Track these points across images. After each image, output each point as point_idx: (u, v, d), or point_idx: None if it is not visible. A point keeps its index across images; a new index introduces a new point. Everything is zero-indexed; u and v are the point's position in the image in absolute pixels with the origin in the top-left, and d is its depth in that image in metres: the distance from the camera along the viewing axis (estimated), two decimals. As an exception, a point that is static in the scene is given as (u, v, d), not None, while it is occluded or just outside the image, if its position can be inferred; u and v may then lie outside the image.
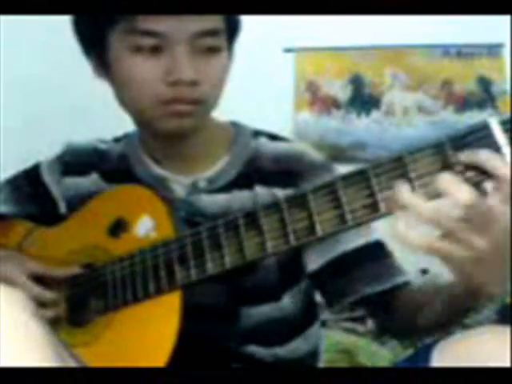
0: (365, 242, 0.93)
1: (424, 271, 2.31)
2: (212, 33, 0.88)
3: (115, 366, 0.81)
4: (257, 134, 1.02)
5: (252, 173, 0.97)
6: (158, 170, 1.00)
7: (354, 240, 0.92)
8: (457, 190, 0.63)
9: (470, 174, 0.64)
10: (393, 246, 0.93)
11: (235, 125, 1.03)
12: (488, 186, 0.65)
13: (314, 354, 1.03)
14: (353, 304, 0.94)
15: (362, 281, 0.91)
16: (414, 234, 0.65)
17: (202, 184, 0.97)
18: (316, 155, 0.99)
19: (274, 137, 1.02)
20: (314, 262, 0.94)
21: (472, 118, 2.76)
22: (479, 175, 0.64)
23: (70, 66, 1.44)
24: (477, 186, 0.65)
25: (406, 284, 0.92)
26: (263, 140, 1.00)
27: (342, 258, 0.93)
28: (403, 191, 0.66)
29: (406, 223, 0.66)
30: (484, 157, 0.64)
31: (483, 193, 0.65)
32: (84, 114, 2.45)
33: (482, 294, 0.73)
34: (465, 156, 0.65)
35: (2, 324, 0.63)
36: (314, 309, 1.04)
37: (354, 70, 2.84)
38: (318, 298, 1.06)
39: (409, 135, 2.78)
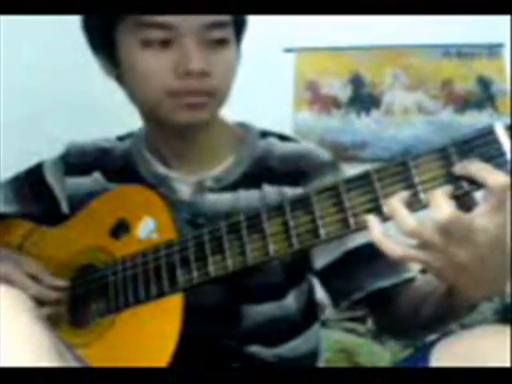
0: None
1: (423, 271, 2.31)
2: (220, 25, 0.88)
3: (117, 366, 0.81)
4: (265, 134, 1.02)
5: (260, 172, 0.97)
6: (162, 169, 0.99)
7: (361, 236, 0.91)
8: (437, 206, 0.63)
9: (465, 183, 0.64)
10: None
11: (243, 125, 1.03)
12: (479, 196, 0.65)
13: (314, 355, 1.03)
14: (358, 302, 0.93)
15: (368, 277, 0.91)
16: (390, 242, 0.66)
17: (209, 183, 0.96)
18: (324, 154, 0.99)
19: (282, 137, 1.02)
20: (321, 258, 0.94)
21: (472, 118, 2.76)
22: (472, 184, 0.64)
23: (70, 65, 1.45)
24: (469, 195, 0.65)
25: (411, 280, 0.91)
26: (272, 140, 1.00)
27: (349, 254, 0.92)
28: (394, 199, 0.66)
29: (383, 229, 0.66)
30: (475, 168, 0.63)
31: (473, 203, 0.64)
32: (84, 113, 2.45)
33: (466, 298, 0.72)
34: (458, 169, 0.65)
35: (3, 325, 0.63)
36: (314, 309, 1.04)
37: (354, 70, 2.84)
38: (318, 298, 1.06)
39: (408, 135, 2.78)
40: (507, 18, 2.09)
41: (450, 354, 0.68)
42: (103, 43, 0.93)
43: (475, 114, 2.76)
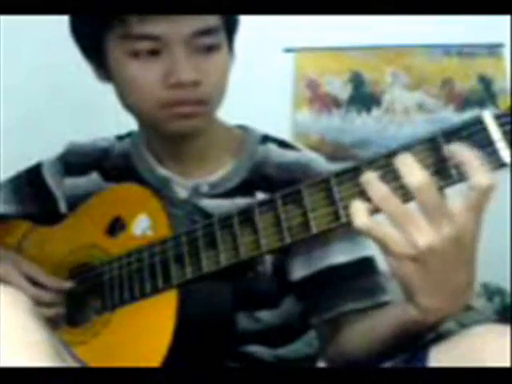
0: (352, 258, 0.91)
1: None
2: (209, 31, 0.87)
3: (112, 365, 0.81)
4: (266, 139, 1.00)
5: (256, 180, 0.95)
6: (161, 170, 0.99)
7: (342, 254, 0.91)
8: (409, 173, 0.62)
9: (454, 173, 0.63)
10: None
11: (244, 129, 1.02)
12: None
13: (316, 357, 1.02)
14: (330, 320, 0.90)
15: (342, 297, 0.89)
16: (363, 213, 0.63)
17: (204, 188, 0.96)
18: (321, 164, 0.97)
19: (282, 144, 1.00)
20: (299, 271, 0.92)
21: (472, 117, 2.75)
22: (460, 175, 0.62)
23: (69, 65, 1.44)
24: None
25: (386, 303, 0.89)
26: (272, 147, 0.99)
27: (327, 271, 0.91)
28: (370, 173, 0.64)
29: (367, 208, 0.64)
30: (466, 159, 0.61)
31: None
32: (84, 113, 2.45)
33: (418, 308, 0.68)
34: (449, 150, 0.63)
35: (1, 325, 0.63)
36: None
37: (354, 70, 2.84)
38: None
39: (409, 134, 2.78)
40: (507, 17, 2.09)
41: (449, 353, 0.68)
42: (93, 53, 0.93)
43: (476, 114, 2.75)
